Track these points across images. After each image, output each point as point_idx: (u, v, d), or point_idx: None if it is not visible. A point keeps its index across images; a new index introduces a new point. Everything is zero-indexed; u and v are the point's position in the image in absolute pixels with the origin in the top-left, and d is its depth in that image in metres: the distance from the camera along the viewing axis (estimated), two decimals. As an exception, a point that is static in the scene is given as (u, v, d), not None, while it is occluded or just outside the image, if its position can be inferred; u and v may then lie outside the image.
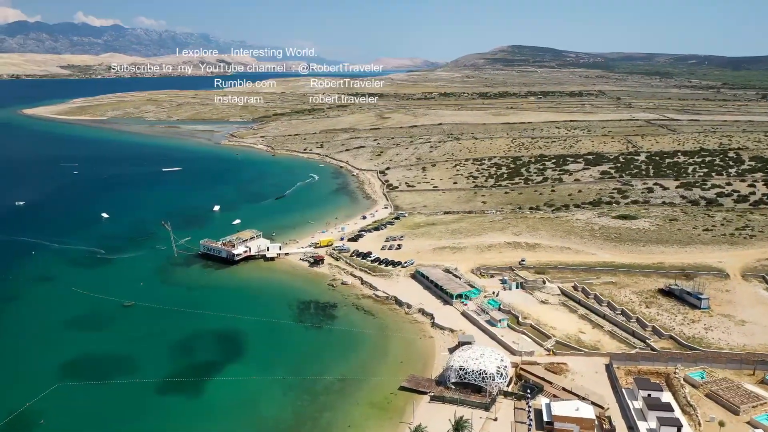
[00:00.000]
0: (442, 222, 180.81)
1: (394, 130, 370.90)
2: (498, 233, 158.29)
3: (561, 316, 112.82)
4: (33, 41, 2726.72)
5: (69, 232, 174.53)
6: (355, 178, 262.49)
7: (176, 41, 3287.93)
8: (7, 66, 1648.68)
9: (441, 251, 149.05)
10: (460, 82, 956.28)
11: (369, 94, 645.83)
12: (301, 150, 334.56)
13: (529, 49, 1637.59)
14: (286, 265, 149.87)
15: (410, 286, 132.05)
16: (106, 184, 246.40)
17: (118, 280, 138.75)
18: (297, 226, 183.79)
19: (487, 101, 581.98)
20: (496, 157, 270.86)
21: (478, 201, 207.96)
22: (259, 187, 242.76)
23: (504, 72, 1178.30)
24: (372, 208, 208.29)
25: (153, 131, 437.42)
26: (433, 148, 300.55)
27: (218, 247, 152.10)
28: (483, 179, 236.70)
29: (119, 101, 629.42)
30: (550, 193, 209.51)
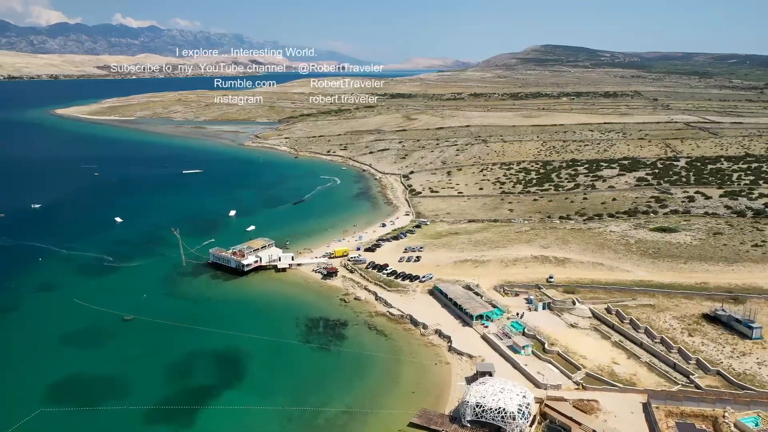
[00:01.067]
0: (466, 231, 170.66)
1: (420, 132, 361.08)
2: (524, 245, 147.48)
3: (592, 343, 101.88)
4: (73, 42, 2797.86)
5: (80, 237, 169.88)
6: (378, 182, 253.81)
7: (210, 42, 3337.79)
8: (47, 67, 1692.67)
9: (462, 265, 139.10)
10: (491, 82, 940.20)
11: (392, 94, 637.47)
12: (324, 152, 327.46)
13: (562, 49, 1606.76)
14: (298, 277, 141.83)
15: (427, 304, 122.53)
16: (124, 186, 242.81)
17: (122, 290, 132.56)
18: (313, 234, 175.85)
19: (518, 102, 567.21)
20: (525, 162, 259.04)
21: (504, 209, 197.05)
22: (278, 191, 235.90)
23: (536, 72, 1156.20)
24: (393, 214, 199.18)
25: (179, 132, 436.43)
26: (460, 152, 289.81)
27: (227, 257, 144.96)
28: (510, 185, 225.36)
29: (149, 101, 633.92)
30: (582, 201, 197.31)
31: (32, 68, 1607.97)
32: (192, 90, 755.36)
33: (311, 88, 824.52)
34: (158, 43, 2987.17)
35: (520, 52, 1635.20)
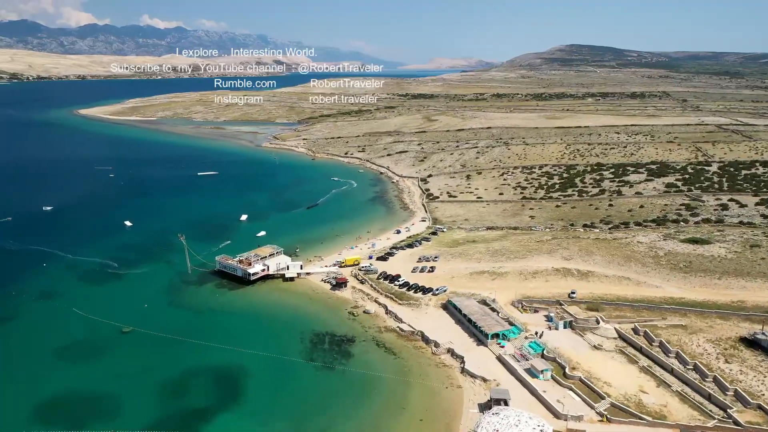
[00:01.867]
0: (484, 239, 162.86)
1: (440, 133, 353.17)
2: (545, 257, 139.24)
3: (618, 368, 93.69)
4: (102, 43, 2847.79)
5: (87, 241, 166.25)
6: (395, 185, 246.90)
7: (235, 42, 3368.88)
8: (75, 67, 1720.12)
9: (479, 276, 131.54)
10: (515, 82, 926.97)
11: (413, 95, 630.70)
12: (342, 154, 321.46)
13: (588, 48, 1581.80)
14: (306, 287, 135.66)
15: (440, 319, 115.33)
16: (138, 188, 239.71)
17: (124, 299, 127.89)
18: (325, 240, 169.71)
19: (542, 103, 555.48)
20: (548, 165, 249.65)
21: (525, 215, 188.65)
22: (292, 194, 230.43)
23: (561, 72, 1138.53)
24: (408, 220, 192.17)
25: (198, 132, 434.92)
26: (480, 154, 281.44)
27: (234, 265, 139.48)
28: (532, 190, 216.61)
29: (170, 102, 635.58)
30: (608, 208, 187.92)
31: (61, 69, 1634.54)
32: (213, 90, 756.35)
33: (332, 88, 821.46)
34: (184, 44, 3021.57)
35: (545, 51, 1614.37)
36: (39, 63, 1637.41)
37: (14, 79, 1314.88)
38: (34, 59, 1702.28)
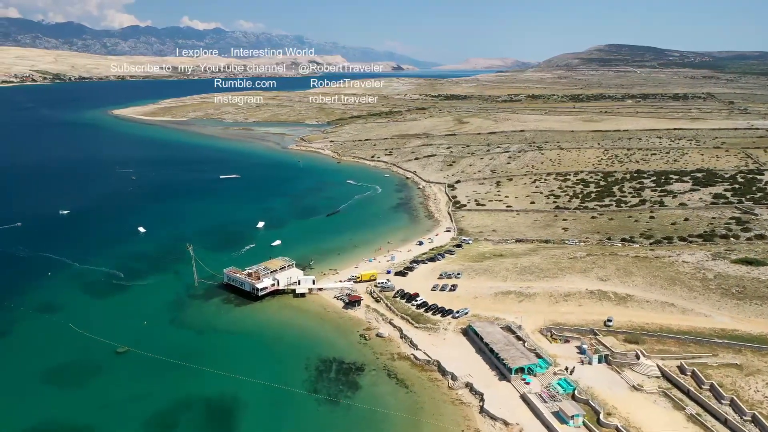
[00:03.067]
0: (512, 254, 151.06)
1: (470, 136, 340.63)
2: (579, 276, 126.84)
3: (661, 415, 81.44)
4: (143, 44, 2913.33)
5: (97, 248, 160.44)
6: (421, 191, 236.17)
7: (272, 43, 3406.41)
8: (115, 68, 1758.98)
9: (504, 298, 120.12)
10: (551, 83, 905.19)
11: (446, 96, 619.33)
12: (368, 157, 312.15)
13: (627, 48, 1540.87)
14: (317, 305, 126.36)
15: (459, 347, 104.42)
16: (157, 192, 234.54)
17: (124, 314, 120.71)
18: (342, 251, 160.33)
19: (579, 104, 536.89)
20: (584, 172, 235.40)
21: (557, 227, 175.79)
22: (313, 199, 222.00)
23: (599, 72, 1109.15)
24: (432, 230, 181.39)
25: (226, 133, 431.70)
26: (512, 159, 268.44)
27: (242, 279, 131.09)
28: (566, 199, 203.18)
29: (202, 102, 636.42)
30: (649, 221, 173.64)
31: (101, 69, 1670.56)
32: (245, 91, 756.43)
33: (365, 88, 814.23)
34: (222, 45, 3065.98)
35: (583, 51, 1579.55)
36: (81, 64, 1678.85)
37: (57, 79, 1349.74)
38: (77, 60, 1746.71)
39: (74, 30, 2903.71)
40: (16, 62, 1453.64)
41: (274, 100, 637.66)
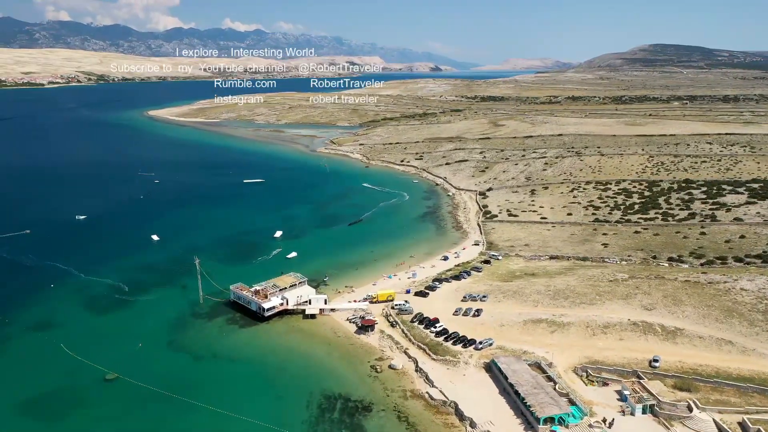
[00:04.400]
0: (545, 272, 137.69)
1: (505, 140, 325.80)
2: (620, 303, 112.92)
3: (719, 487, 67.97)
4: (186, 46, 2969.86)
5: (106, 258, 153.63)
6: (450, 199, 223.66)
7: (311, 44, 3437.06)
8: (157, 69, 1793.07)
9: (534, 327, 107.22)
10: (592, 84, 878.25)
11: (482, 97, 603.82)
12: (398, 161, 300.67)
13: (673, 48, 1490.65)
14: (327, 328, 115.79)
15: (481, 386, 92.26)
16: (177, 196, 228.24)
17: (121, 333, 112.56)
18: (360, 266, 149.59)
19: (621, 107, 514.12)
20: (627, 181, 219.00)
21: (596, 242, 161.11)
22: (336, 207, 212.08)
23: (644, 73, 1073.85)
24: (459, 243, 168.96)
25: (256, 135, 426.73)
26: (548, 165, 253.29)
27: (248, 297, 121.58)
28: (606, 210, 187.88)
29: (236, 103, 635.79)
30: (699, 237, 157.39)
31: (143, 70, 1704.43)
32: (281, 92, 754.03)
33: (401, 90, 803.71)
34: (262, 46, 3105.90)
35: (626, 51, 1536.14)
36: (124, 65, 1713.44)
37: (101, 80, 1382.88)
38: (120, 61, 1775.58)
39: (121, 32, 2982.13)
40: (64, 64, 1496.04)
41: (306, 102, 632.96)
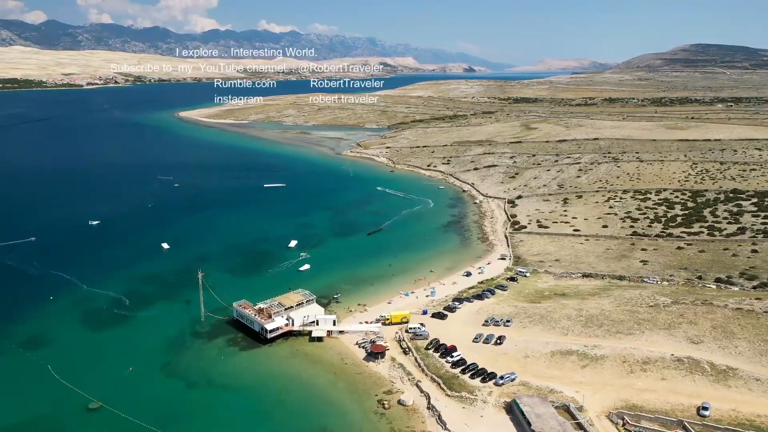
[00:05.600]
0: (576, 293, 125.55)
1: (537, 144, 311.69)
2: (662, 335, 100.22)
3: None
4: (222, 48, 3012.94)
5: (112, 267, 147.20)
6: (477, 207, 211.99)
7: (345, 45, 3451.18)
8: (192, 70, 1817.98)
9: (563, 360, 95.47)
10: (630, 85, 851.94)
11: (515, 98, 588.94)
12: (424, 165, 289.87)
13: (715, 48, 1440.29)
14: (335, 353, 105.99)
15: (499, 430, 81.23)
16: (194, 201, 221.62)
17: (113, 354, 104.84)
18: (376, 281, 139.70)
19: (661, 109, 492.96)
20: (668, 190, 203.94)
21: (634, 258, 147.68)
22: (356, 214, 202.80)
23: (685, 74, 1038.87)
24: (484, 257, 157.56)
25: (282, 137, 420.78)
26: (582, 172, 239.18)
27: (251, 316, 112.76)
28: (646, 223, 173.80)
29: (265, 105, 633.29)
30: (751, 255, 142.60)
31: (179, 72, 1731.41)
32: (309, 93, 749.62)
33: (432, 91, 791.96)
34: (297, 47, 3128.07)
35: (666, 52, 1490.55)
36: (161, 66, 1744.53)
37: (138, 81, 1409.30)
38: (157, 63, 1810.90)
39: (160, 34, 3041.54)
40: (103, 65, 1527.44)
41: (336, 103, 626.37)
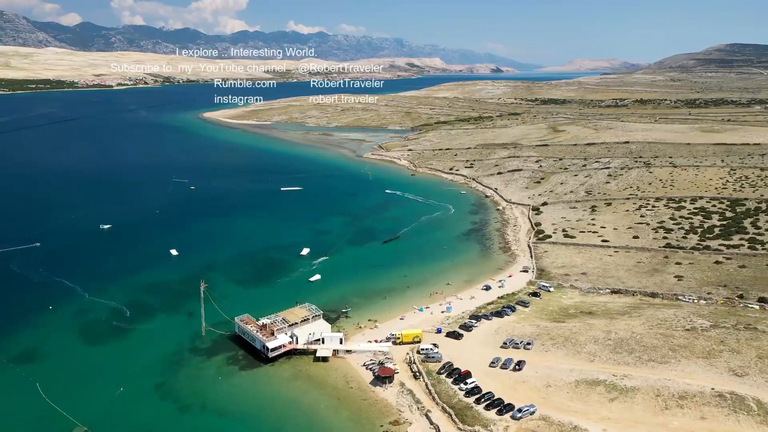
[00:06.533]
0: (605, 311, 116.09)
1: (564, 148, 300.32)
2: (700, 364, 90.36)
3: None
4: (251, 49, 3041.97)
5: (117, 275, 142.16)
6: (499, 214, 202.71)
7: (372, 46, 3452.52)
8: (221, 71, 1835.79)
9: (589, 391, 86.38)
10: (663, 86, 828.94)
11: (543, 99, 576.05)
12: (446, 169, 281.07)
13: (752, 48, 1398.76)
14: (340, 375, 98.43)
15: (516, 474, 72.83)
16: (208, 205, 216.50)
17: (106, 371, 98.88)
18: (390, 294, 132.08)
19: (695, 111, 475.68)
20: (704, 198, 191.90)
21: (668, 273, 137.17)
22: (373, 220, 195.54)
23: (719, 75, 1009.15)
24: (505, 269, 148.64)
25: (304, 139, 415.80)
26: (612, 178, 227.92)
27: (252, 333, 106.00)
28: (680, 234, 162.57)
29: (288, 106, 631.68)
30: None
31: (208, 73, 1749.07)
32: (333, 94, 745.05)
33: (458, 92, 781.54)
34: (324, 48, 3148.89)
35: (700, 52, 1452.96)
36: (189, 67, 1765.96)
37: (167, 82, 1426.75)
38: (186, 64, 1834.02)
39: (190, 36, 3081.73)
40: (133, 66, 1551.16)
41: (359, 104, 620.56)
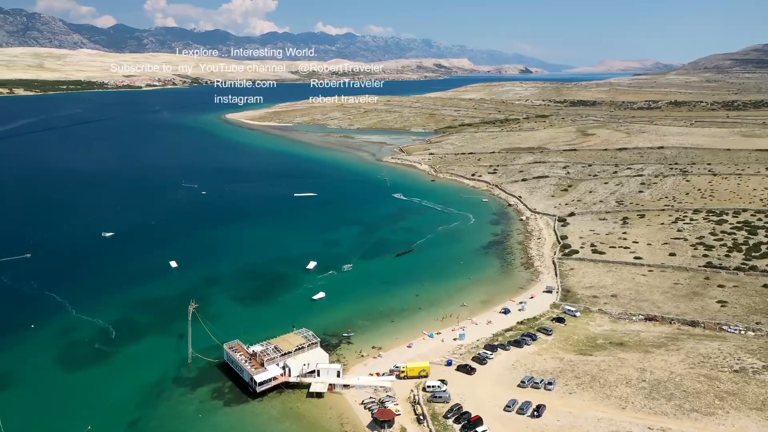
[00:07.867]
0: (638, 342, 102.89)
1: (594, 153, 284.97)
2: (753, 417, 76.86)
3: None
4: (279, 50, 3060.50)
5: (110, 289, 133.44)
6: (523, 225, 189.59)
7: (400, 47, 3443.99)
8: (248, 72, 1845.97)
9: (619, 447, 73.81)
10: (697, 87, 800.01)
11: (572, 101, 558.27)
12: (468, 175, 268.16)
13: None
14: (334, 414, 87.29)
15: None
16: (217, 212, 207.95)
17: (79, 404, 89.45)
18: (398, 316, 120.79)
19: (734, 113, 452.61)
20: (748, 211, 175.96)
21: (710, 298, 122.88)
22: (387, 231, 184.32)
23: (757, 75, 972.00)
24: (527, 288, 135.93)
25: (323, 141, 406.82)
26: (645, 186, 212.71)
27: (240, 363, 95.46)
28: (723, 251, 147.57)
29: (311, 107, 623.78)
30: None
31: (235, 74, 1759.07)
32: (358, 95, 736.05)
33: (484, 93, 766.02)
34: (352, 49, 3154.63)
35: (737, 52, 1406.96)
36: (217, 68, 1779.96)
37: (195, 83, 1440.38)
38: (214, 65, 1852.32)
39: (220, 37, 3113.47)
40: (162, 67, 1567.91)
41: (384, 105, 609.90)
